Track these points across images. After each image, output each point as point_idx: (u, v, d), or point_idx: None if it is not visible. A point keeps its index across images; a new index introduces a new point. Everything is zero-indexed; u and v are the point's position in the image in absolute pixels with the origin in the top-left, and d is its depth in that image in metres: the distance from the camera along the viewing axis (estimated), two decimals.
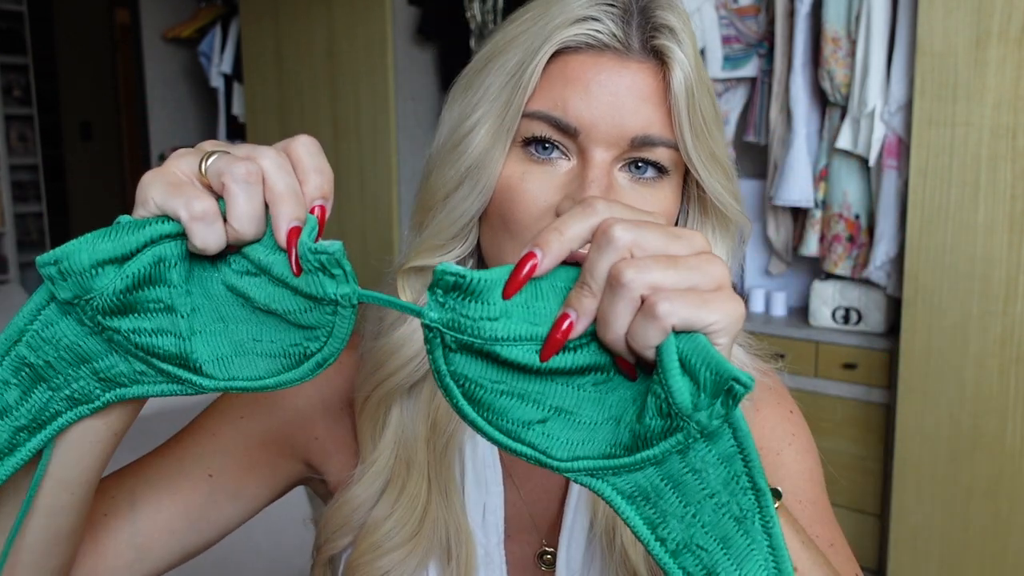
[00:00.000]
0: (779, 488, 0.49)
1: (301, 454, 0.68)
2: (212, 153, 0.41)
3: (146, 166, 4.20)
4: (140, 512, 0.60)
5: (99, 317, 0.41)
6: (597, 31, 0.54)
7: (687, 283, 0.36)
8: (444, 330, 0.38)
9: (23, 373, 0.42)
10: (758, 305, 2.55)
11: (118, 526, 0.59)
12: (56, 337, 0.42)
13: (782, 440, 0.66)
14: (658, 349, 0.36)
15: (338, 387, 0.68)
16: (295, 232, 0.41)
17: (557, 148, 0.56)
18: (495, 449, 0.64)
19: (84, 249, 0.39)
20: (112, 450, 0.48)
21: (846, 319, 2.29)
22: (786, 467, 0.65)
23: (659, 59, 0.55)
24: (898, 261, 2.13)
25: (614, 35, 0.54)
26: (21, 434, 0.43)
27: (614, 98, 0.54)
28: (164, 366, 0.43)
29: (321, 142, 0.85)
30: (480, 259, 0.63)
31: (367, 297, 0.41)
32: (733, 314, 0.37)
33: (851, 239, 2.28)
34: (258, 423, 0.66)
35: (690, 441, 0.37)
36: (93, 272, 0.40)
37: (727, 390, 0.35)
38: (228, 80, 3.74)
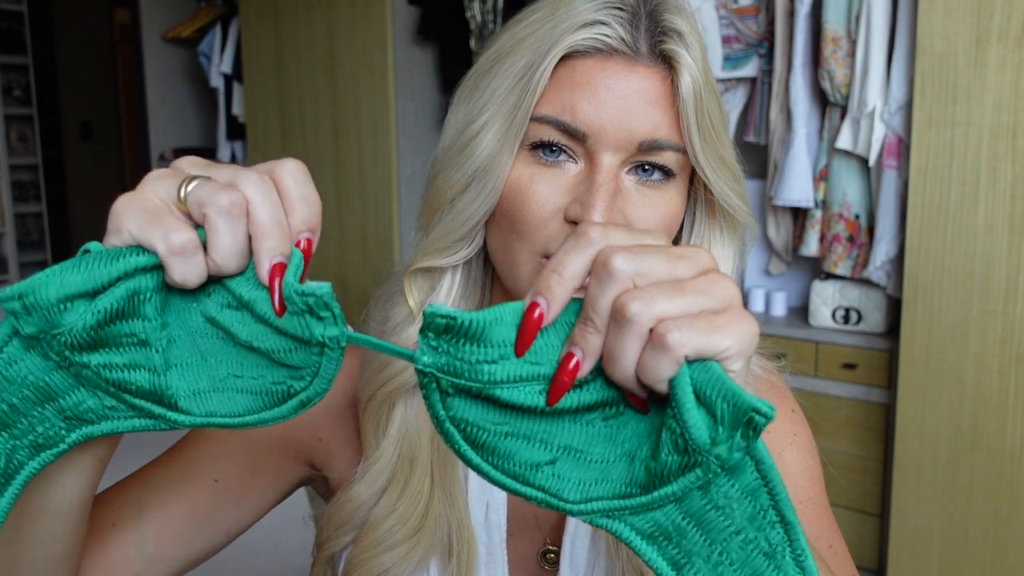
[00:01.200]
0: None
1: (305, 456, 0.68)
2: (193, 178, 0.39)
3: (146, 166, 4.20)
4: (147, 519, 0.60)
5: (67, 352, 0.38)
6: (606, 35, 0.54)
7: (696, 308, 0.34)
8: (439, 375, 0.36)
9: None
10: (758, 305, 2.55)
11: (126, 536, 0.59)
12: (20, 376, 0.39)
13: (784, 440, 0.66)
14: (671, 382, 0.34)
15: (343, 388, 0.67)
16: (278, 268, 0.38)
17: (565, 151, 0.56)
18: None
19: (52, 283, 0.37)
20: (100, 475, 0.48)
21: (846, 319, 2.29)
22: (788, 467, 0.64)
23: (667, 63, 0.55)
24: (898, 261, 2.13)
25: (622, 39, 0.54)
26: None
27: (622, 102, 0.54)
28: (137, 402, 0.40)
29: (321, 142, 0.82)
30: (486, 259, 0.63)
31: (356, 340, 0.38)
32: (747, 336, 0.35)
33: (851, 239, 2.28)
34: (262, 428, 0.65)
35: (710, 476, 0.35)
36: (61, 307, 0.37)
37: (747, 422, 0.33)
38: (228, 80, 3.74)
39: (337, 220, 3.23)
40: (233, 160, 3.90)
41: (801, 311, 2.50)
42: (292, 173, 0.40)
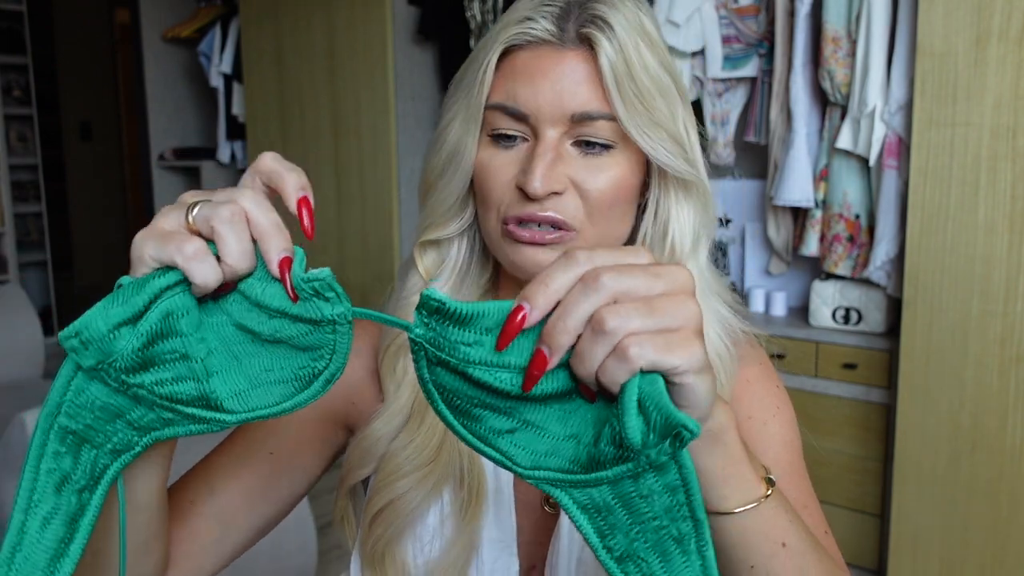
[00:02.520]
0: (772, 476, 0.52)
1: (343, 421, 0.75)
2: (195, 204, 0.45)
3: (146, 166, 4.20)
4: (219, 493, 0.68)
5: (123, 376, 0.44)
6: (532, 29, 0.63)
7: (659, 326, 0.40)
8: (426, 346, 0.43)
9: (69, 440, 0.46)
10: (758, 305, 2.55)
11: (203, 509, 0.67)
12: (89, 402, 0.45)
13: (768, 411, 0.74)
14: (622, 386, 0.40)
15: (367, 353, 0.75)
16: (286, 262, 0.45)
17: (518, 136, 0.65)
18: None
19: (99, 317, 0.43)
20: (168, 469, 0.56)
21: (846, 319, 2.29)
22: (771, 436, 0.72)
23: (590, 46, 0.63)
24: (898, 261, 2.13)
25: (547, 30, 0.63)
26: (84, 494, 0.47)
27: (554, 84, 0.63)
28: (188, 410, 0.46)
29: (321, 142, 0.91)
30: (479, 230, 0.72)
31: (361, 314, 0.45)
32: (694, 356, 0.40)
33: (851, 239, 2.28)
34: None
35: (639, 470, 0.41)
36: (111, 336, 0.43)
37: (675, 435, 0.39)
38: (228, 80, 3.74)
39: (337, 220, 3.23)
40: (233, 160, 3.90)
41: (801, 311, 2.50)
42: (271, 159, 0.47)
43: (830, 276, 2.35)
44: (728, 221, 2.73)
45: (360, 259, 3.18)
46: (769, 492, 0.50)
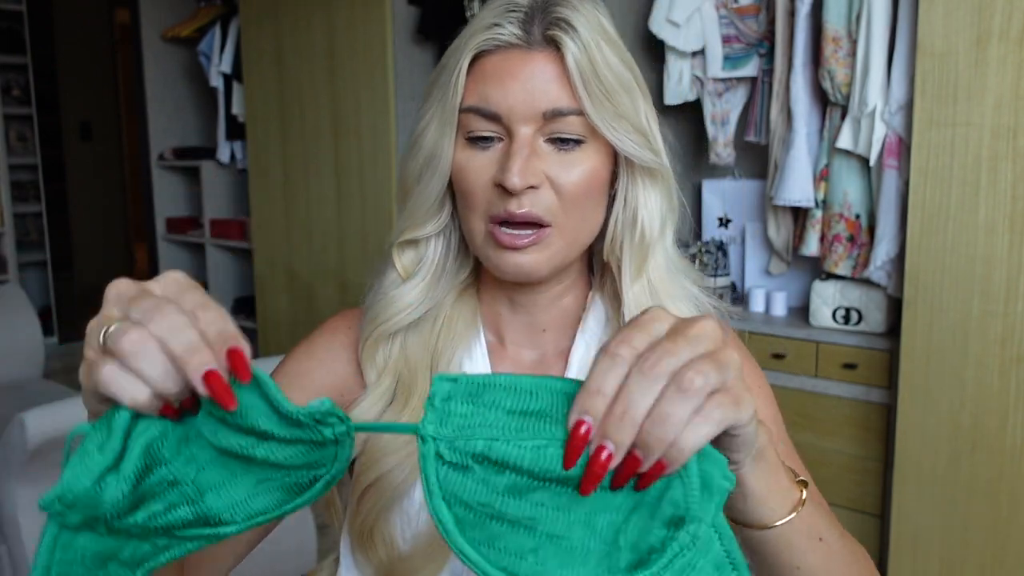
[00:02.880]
0: (801, 478, 0.55)
1: None
2: (115, 320, 0.44)
3: (146, 166, 4.20)
4: None
5: (114, 523, 0.42)
6: (500, 34, 0.67)
7: (723, 382, 0.42)
8: (440, 438, 0.40)
9: None
10: (758, 305, 2.54)
11: None
12: (79, 556, 0.43)
13: (752, 390, 0.77)
14: (686, 462, 0.40)
15: (354, 347, 0.78)
16: (212, 376, 0.42)
17: (493, 137, 0.69)
18: (487, 370, 0.76)
19: (80, 475, 0.41)
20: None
21: (846, 319, 2.29)
22: (757, 411, 0.78)
23: (556, 46, 0.67)
24: (899, 261, 2.13)
25: (514, 35, 0.67)
26: None
27: (524, 84, 0.66)
28: (186, 532, 0.44)
29: (321, 142, 0.94)
30: (458, 229, 0.75)
31: (362, 428, 0.44)
32: (752, 404, 0.43)
33: (851, 239, 2.28)
34: (298, 395, 0.76)
35: (693, 540, 0.41)
36: (97, 489, 0.41)
37: (719, 495, 0.41)
38: (228, 80, 3.74)
39: (337, 220, 3.23)
40: (233, 160, 3.90)
41: (801, 311, 2.50)
42: (179, 288, 0.45)
43: (830, 276, 2.35)
44: (728, 221, 2.73)
45: (360, 259, 3.18)
46: (804, 495, 0.53)
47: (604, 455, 0.40)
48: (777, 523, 0.51)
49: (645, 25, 2.50)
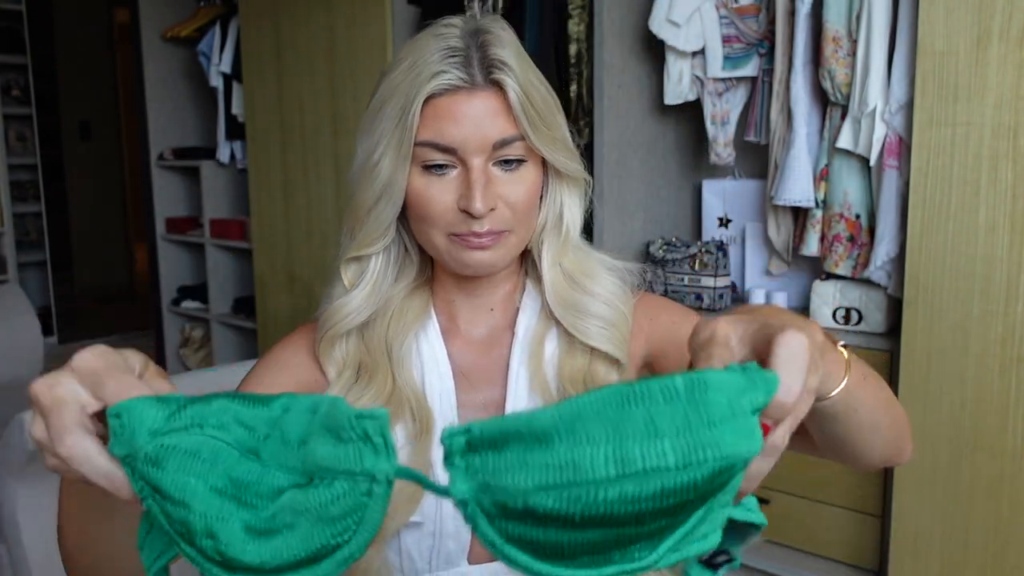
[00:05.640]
0: (841, 344, 0.65)
1: None
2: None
3: (146, 165, 4.19)
4: None
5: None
6: (449, 80, 0.77)
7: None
8: (478, 496, 0.37)
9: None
10: None
11: None
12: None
13: (684, 312, 0.93)
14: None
15: (311, 348, 0.88)
16: (133, 499, 0.47)
17: (447, 165, 0.79)
18: (442, 346, 0.87)
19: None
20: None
21: (847, 319, 2.29)
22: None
23: (497, 85, 0.78)
24: (899, 261, 2.13)
25: (459, 78, 0.77)
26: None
27: (474, 120, 0.77)
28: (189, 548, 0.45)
29: (321, 142, 0.97)
30: (404, 245, 0.88)
31: (403, 474, 0.40)
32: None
33: (852, 239, 2.28)
34: None
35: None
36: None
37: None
38: (227, 79, 3.74)
39: (336, 219, 3.23)
40: (232, 160, 3.89)
41: (802, 311, 2.49)
42: (86, 467, 0.48)
43: (830, 276, 2.35)
44: (728, 221, 2.72)
45: None
46: (846, 354, 0.63)
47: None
48: (842, 386, 0.61)
49: (645, 25, 2.50)
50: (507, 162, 0.80)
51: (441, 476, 0.75)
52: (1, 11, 4.97)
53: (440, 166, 0.79)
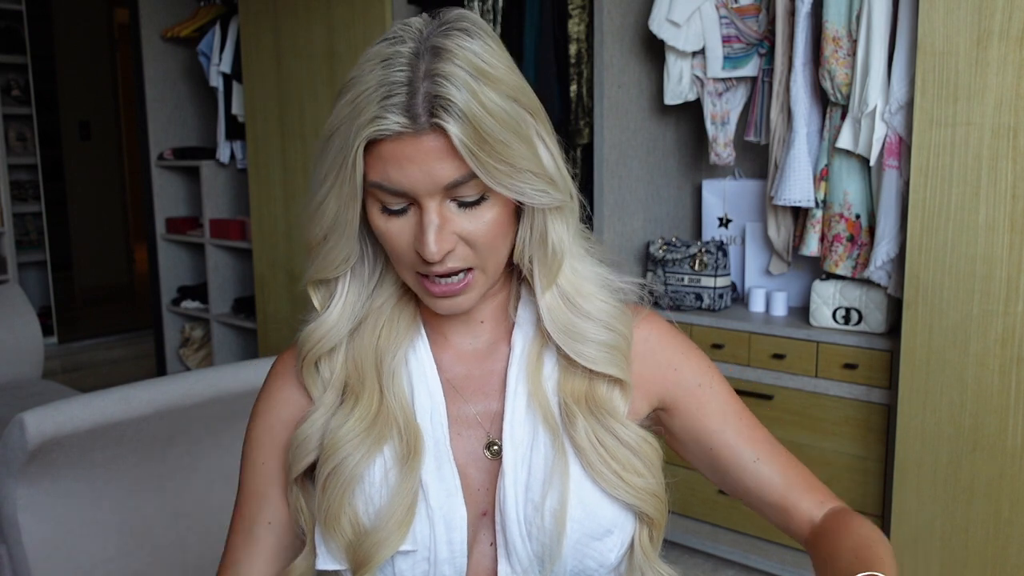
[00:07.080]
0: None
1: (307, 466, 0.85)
2: None
3: (145, 165, 4.19)
4: (254, 555, 0.85)
5: None
6: (387, 127, 0.69)
7: None
8: None
9: None
10: (758, 305, 2.54)
11: (248, 570, 0.85)
12: None
13: (707, 375, 0.89)
14: None
15: (297, 375, 0.86)
16: None
17: (405, 205, 0.73)
18: (431, 359, 0.84)
19: None
20: None
21: (847, 319, 2.29)
22: (719, 395, 0.89)
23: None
24: (899, 261, 2.13)
25: (399, 123, 0.69)
26: None
27: (420, 164, 0.70)
28: None
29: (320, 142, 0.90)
30: (383, 257, 0.83)
31: None
32: None
33: (852, 239, 2.28)
34: (276, 460, 0.85)
35: None
36: None
37: None
38: (227, 79, 3.74)
39: None
40: (232, 159, 3.89)
41: (802, 311, 2.50)
42: None
43: (830, 276, 2.35)
44: (728, 221, 2.73)
45: None
46: None
47: None
48: None
49: (645, 25, 2.50)
50: (464, 201, 0.73)
51: (435, 505, 0.78)
52: (1, 11, 4.97)
53: (395, 208, 0.74)
